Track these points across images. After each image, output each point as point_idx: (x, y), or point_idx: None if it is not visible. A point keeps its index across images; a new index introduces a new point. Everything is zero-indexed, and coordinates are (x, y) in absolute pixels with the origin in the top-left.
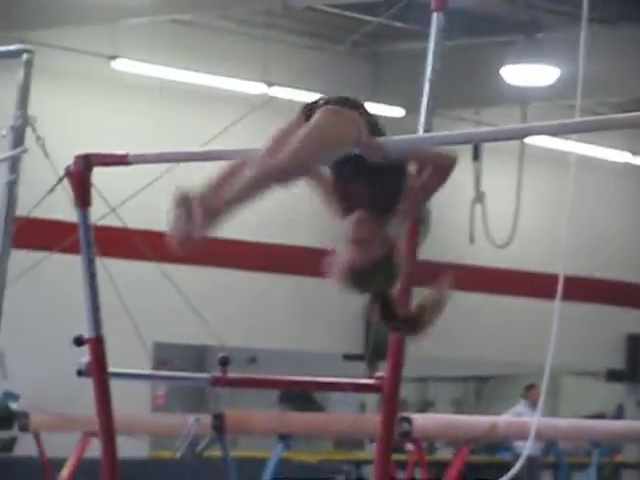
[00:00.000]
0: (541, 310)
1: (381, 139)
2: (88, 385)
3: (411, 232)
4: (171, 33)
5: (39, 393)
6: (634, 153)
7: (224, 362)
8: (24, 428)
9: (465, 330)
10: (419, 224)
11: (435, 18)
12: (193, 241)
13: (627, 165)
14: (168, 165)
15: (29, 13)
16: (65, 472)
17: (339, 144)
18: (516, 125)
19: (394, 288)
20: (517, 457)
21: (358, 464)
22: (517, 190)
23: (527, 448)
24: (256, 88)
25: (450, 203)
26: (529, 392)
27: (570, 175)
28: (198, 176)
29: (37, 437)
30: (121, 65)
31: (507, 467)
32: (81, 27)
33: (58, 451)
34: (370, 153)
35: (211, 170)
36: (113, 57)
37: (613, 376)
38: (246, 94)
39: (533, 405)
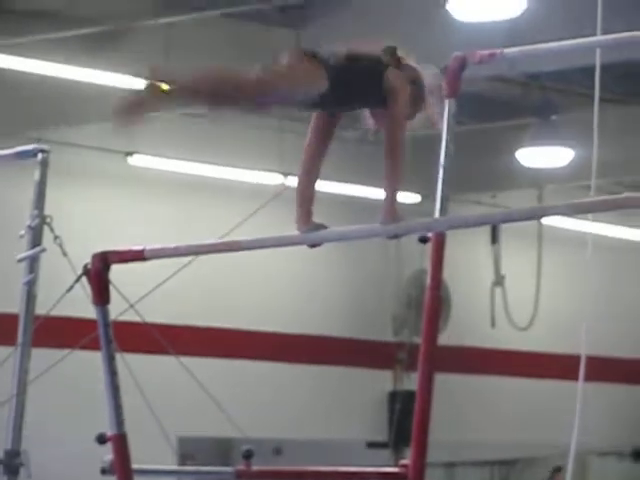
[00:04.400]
0: (565, 391)
1: None
2: None
3: (430, 317)
4: (186, 127)
5: None
6: None
7: (248, 455)
8: None
9: (490, 414)
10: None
11: (447, 104)
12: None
13: None
14: (187, 259)
15: (45, 112)
16: None
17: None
18: (531, 206)
19: None
20: None
21: None
22: (537, 272)
23: None
24: (272, 179)
25: (470, 287)
26: (555, 475)
27: (588, 255)
28: (216, 268)
29: None
30: (137, 161)
31: None
32: (97, 125)
33: None
34: None
35: (229, 262)
36: (129, 153)
37: (639, 455)
38: (262, 185)
39: None
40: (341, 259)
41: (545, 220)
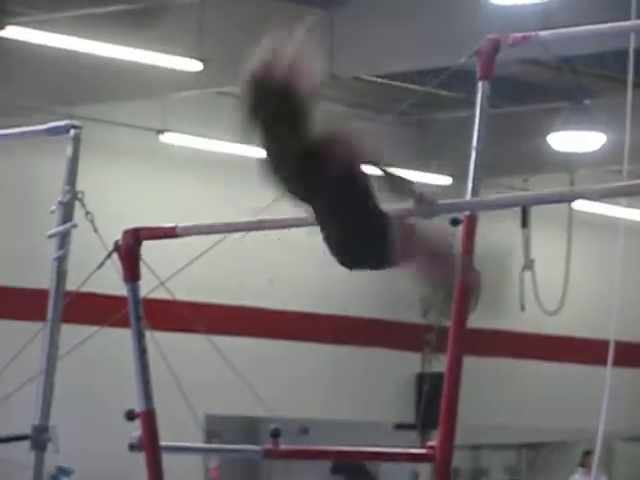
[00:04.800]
0: (593, 376)
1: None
2: (141, 459)
3: (460, 300)
4: (218, 105)
5: (92, 468)
6: None
7: (276, 434)
8: None
9: (518, 397)
10: (470, 293)
11: (480, 86)
12: None
13: None
14: (217, 237)
15: (78, 89)
16: None
17: None
18: (565, 188)
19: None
20: None
21: None
22: (567, 256)
23: None
24: None
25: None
26: (587, 458)
27: (619, 240)
28: (245, 247)
29: None
30: (169, 139)
31: None
32: (129, 102)
33: None
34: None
35: (258, 241)
36: (161, 131)
37: None
38: None
39: (590, 472)
40: None
41: (576, 205)
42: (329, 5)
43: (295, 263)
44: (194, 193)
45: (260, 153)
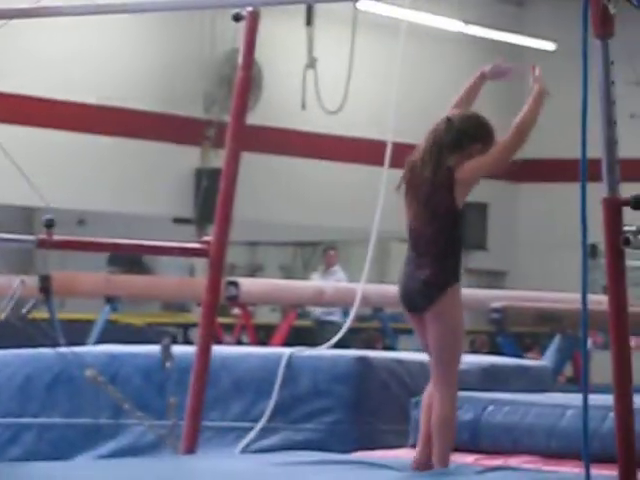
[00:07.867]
0: (372, 177)
1: None
2: None
3: (240, 96)
4: None
5: None
6: (466, 22)
7: (50, 224)
8: None
9: (297, 196)
10: None
11: None
12: None
13: (459, 34)
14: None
15: None
16: None
17: None
18: None
19: None
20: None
21: (185, 327)
22: (349, 56)
23: (353, 313)
24: None
25: (282, 69)
26: (327, 256)
27: (400, 42)
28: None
29: None
30: None
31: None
32: None
33: None
34: None
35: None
36: None
37: None
38: None
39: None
40: (157, 34)
41: (360, 5)
42: None
43: (79, 50)
44: None
45: None
